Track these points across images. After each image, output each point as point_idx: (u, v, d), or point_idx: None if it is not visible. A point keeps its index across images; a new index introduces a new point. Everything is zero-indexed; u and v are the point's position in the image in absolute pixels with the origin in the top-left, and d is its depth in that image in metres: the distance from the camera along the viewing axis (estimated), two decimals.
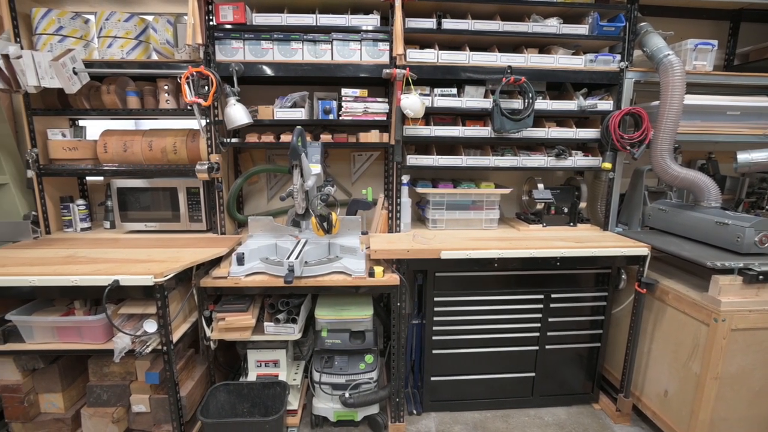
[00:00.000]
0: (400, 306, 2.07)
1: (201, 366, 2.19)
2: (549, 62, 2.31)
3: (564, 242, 2.20)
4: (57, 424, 1.91)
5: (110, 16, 2.18)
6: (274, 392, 2.04)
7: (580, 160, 2.45)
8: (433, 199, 2.44)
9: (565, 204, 2.56)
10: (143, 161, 2.33)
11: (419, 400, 2.39)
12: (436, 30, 2.24)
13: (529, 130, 2.34)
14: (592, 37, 2.30)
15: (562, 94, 2.57)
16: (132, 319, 1.83)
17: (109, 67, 2.19)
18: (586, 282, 2.29)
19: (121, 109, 2.29)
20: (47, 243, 2.18)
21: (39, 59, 2.01)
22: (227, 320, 1.96)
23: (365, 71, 2.21)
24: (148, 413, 1.93)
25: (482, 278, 2.23)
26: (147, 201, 2.37)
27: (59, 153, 2.31)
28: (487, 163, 2.39)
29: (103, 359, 1.92)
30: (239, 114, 2.12)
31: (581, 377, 2.41)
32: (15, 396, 1.82)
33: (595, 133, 2.42)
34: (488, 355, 2.31)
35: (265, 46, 2.17)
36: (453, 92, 2.32)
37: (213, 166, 2.20)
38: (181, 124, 2.51)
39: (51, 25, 2.14)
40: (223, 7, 2.13)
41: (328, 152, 2.68)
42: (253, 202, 2.78)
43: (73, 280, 1.67)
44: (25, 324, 1.77)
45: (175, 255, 1.94)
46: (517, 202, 2.92)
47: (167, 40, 2.27)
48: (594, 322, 2.33)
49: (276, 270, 1.94)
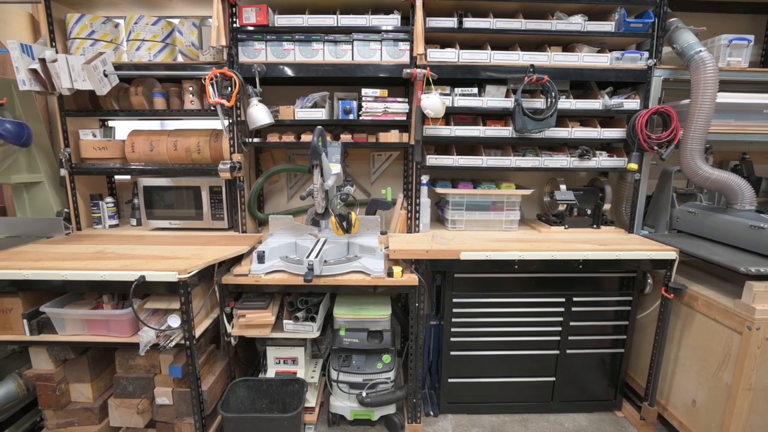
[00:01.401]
0: (419, 306, 2.06)
1: (221, 361, 2.23)
2: (573, 60, 2.25)
3: (587, 245, 2.15)
4: (86, 413, 1.98)
5: (139, 20, 2.25)
6: (293, 389, 2.07)
7: (604, 161, 2.39)
8: (453, 200, 2.42)
9: (588, 205, 2.50)
10: (168, 160, 2.40)
11: (436, 402, 2.38)
12: (457, 29, 2.22)
13: (551, 130, 2.30)
14: (618, 35, 2.23)
15: (586, 93, 2.51)
16: (157, 314, 1.89)
17: (137, 69, 2.26)
18: (610, 286, 2.23)
19: (148, 110, 2.36)
20: (78, 239, 2.27)
21: (72, 62, 2.09)
22: (248, 317, 2.00)
23: (385, 71, 2.22)
24: (171, 406, 1.98)
25: (502, 280, 2.19)
26: (171, 199, 2.44)
27: (90, 152, 2.40)
28: (507, 164, 2.36)
29: (129, 352, 1.98)
30: (261, 114, 2.15)
31: (603, 383, 2.34)
32: (48, 384, 1.90)
33: (621, 133, 2.35)
34: (507, 357, 2.28)
35: (286, 47, 2.20)
36: (474, 92, 2.29)
37: (235, 165, 2.24)
38: (205, 125, 2.57)
39: (84, 29, 2.23)
40: (247, 9, 2.17)
41: (348, 152, 2.69)
42: (273, 201, 2.82)
43: (102, 275, 1.73)
44: (57, 316, 1.85)
45: (198, 252, 1.98)
46: (539, 204, 2.86)
47: (192, 43, 2.32)
48: (617, 327, 2.27)
49: (296, 268, 1.96)
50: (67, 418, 1.97)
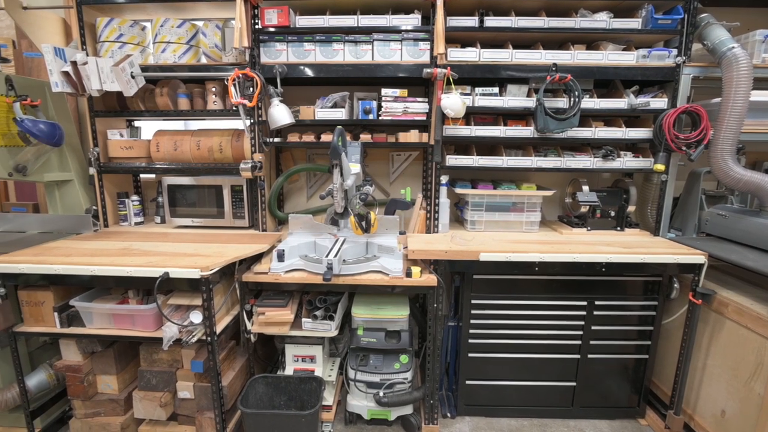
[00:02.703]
0: (437, 307, 2.05)
1: (241, 358, 2.26)
2: (597, 59, 2.20)
3: (610, 247, 2.10)
4: (112, 404, 2.04)
5: (165, 22, 2.31)
6: (310, 387, 2.09)
7: (629, 162, 2.33)
8: (472, 200, 2.40)
9: (612, 207, 2.44)
10: (191, 160, 2.45)
11: (453, 404, 2.36)
12: (478, 28, 2.19)
13: (574, 130, 2.25)
14: (645, 31, 2.17)
15: (610, 92, 2.45)
16: (179, 310, 1.93)
17: (162, 70, 2.32)
18: (634, 290, 2.17)
19: (173, 111, 2.42)
20: (105, 235, 2.34)
21: (102, 65, 2.16)
22: (267, 315, 2.02)
23: (405, 71, 2.21)
24: (192, 400, 2.02)
25: (522, 282, 2.16)
26: (194, 198, 2.49)
27: (117, 152, 2.47)
28: (528, 164, 2.32)
29: (153, 346, 2.03)
30: (282, 114, 2.18)
31: (626, 390, 2.28)
32: (76, 375, 1.97)
33: (647, 133, 2.29)
34: (526, 361, 2.24)
35: (307, 47, 2.22)
36: (494, 91, 2.26)
37: (256, 164, 2.27)
38: (227, 125, 2.62)
39: (113, 33, 2.29)
40: (269, 10, 2.19)
41: (367, 152, 2.70)
42: (293, 200, 2.85)
43: (128, 271, 1.78)
44: (86, 310, 1.91)
45: (219, 250, 2.02)
46: (560, 205, 2.81)
47: (216, 44, 2.37)
48: (642, 333, 2.21)
49: (315, 267, 1.98)
50: (94, 408, 2.04)
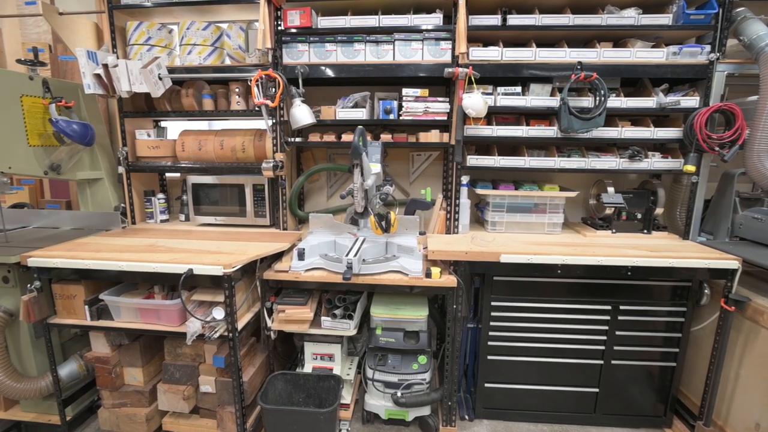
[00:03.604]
0: (456, 308, 2.03)
1: (261, 354, 2.30)
2: (625, 56, 2.14)
3: (636, 250, 2.04)
4: (137, 396, 2.11)
5: (191, 25, 2.37)
6: (329, 385, 2.10)
7: (657, 162, 2.26)
8: (493, 201, 2.37)
9: (639, 209, 2.37)
10: (215, 159, 2.50)
11: (471, 406, 2.34)
12: (500, 27, 2.16)
13: (599, 130, 2.20)
14: (676, 27, 2.10)
15: (638, 91, 2.37)
16: (202, 306, 1.97)
17: (188, 72, 2.37)
18: (661, 295, 2.10)
19: (197, 111, 2.48)
20: (133, 232, 2.41)
21: (131, 67, 2.23)
22: (287, 312, 2.05)
23: (426, 71, 2.20)
24: (213, 394, 2.06)
25: (543, 284, 2.12)
26: (217, 196, 2.54)
27: (144, 151, 2.55)
28: (551, 165, 2.28)
29: (177, 341, 2.08)
30: (304, 114, 2.20)
31: (652, 398, 2.21)
32: (105, 367, 2.04)
33: (677, 133, 2.21)
34: (547, 365, 2.20)
35: (329, 48, 2.24)
36: (517, 91, 2.23)
37: (278, 164, 2.30)
38: (250, 125, 2.67)
39: (141, 36, 2.37)
40: (291, 12, 2.22)
41: (387, 152, 2.70)
42: (313, 200, 2.88)
43: (154, 267, 1.84)
44: (114, 303, 1.98)
45: (241, 248, 2.06)
46: (584, 207, 2.75)
47: (239, 46, 2.41)
48: (669, 340, 2.13)
49: (335, 266, 1.99)
50: (121, 399, 2.10)
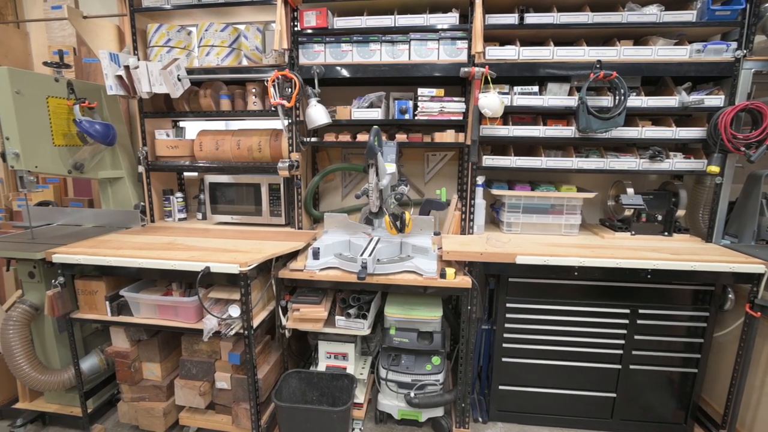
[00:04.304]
0: (471, 310, 2.02)
1: (276, 352, 2.32)
2: (646, 55, 2.10)
3: (656, 253, 1.99)
4: (155, 390, 2.15)
5: (209, 27, 2.40)
6: (342, 384, 2.11)
7: (679, 163, 2.20)
8: (509, 202, 2.34)
9: (659, 211, 2.31)
10: (232, 159, 2.54)
11: (485, 408, 2.32)
12: (518, 25, 2.14)
13: (619, 130, 2.15)
14: (700, 24, 2.04)
15: (659, 90, 2.32)
16: (219, 303, 2.00)
17: (206, 73, 2.41)
18: (682, 299, 2.05)
19: (215, 111, 2.52)
20: (152, 230, 2.46)
21: (151, 68, 2.28)
22: (302, 311, 2.06)
23: (442, 70, 2.19)
24: (229, 390, 2.09)
25: (559, 286, 2.09)
26: (233, 195, 2.58)
27: (163, 151, 2.60)
28: (569, 165, 2.24)
29: (194, 337, 2.12)
30: (319, 114, 2.21)
31: (672, 405, 2.16)
32: (124, 361, 2.09)
33: (700, 133, 2.15)
34: (563, 368, 2.17)
35: (345, 48, 2.25)
36: (534, 90, 2.20)
37: (293, 163, 2.32)
38: (266, 125, 2.70)
39: (162, 38, 2.41)
40: (307, 13, 2.24)
41: (402, 152, 2.69)
42: (328, 199, 2.90)
43: (172, 265, 1.87)
44: (134, 300, 2.02)
45: (257, 246, 2.08)
46: (602, 208, 2.70)
47: (256, 47, 2.44)
48: (690, 345, 2.08)
49: (349, 266, 2.00)
50: (139, 393, 2.15)
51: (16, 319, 2.01)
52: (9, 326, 2.00)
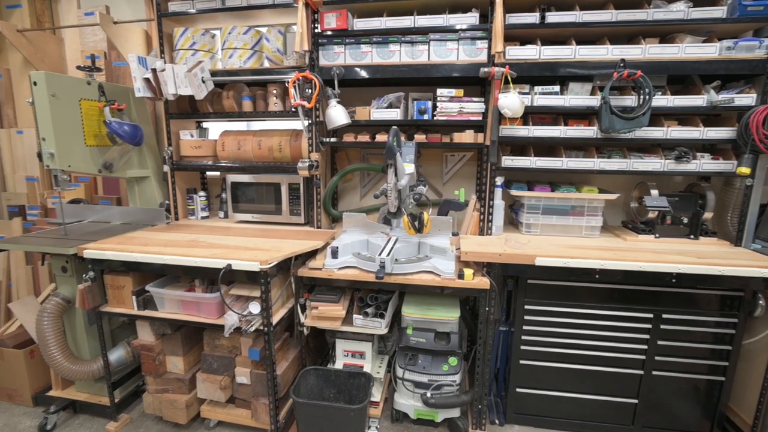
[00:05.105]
0: (488, 311, 2.01)
1: (294, 349, 2.36)
2: (672, 53, 2.04)
3: (682, 256, 1.94)
4: (178, 383, 2.22)
5: (232, 30, 2.46)
6: (359, 382, 2.13)
7: (706, 164, 2.13)
8: (529, 203, 2.32)
9: (685, 213, 2.25)
10: (253, 159, 2.59)
11: (502, 411, 2.30)
12: (539, 24, 2.11)
13: (643, 130, 2.10)
14: (731, 20, 1.98)
15: (686, 88, 2.25)
16: (239, 300, 2.05)
17: (229, 75, 2.47)
18: (709, 304, 1.99)
19: (236, 112, 2.57)
20: (176, 228, 2.54)
21: (177, 71, 2.35)
22: (320, 309, 2.09)
23: (461, 71, 2.18)
24: (248, 385, 2.14)
25: (579, 289, 2.06)
26: (254, 195, 2.63)
27: (187, 151, 2.68)
28: (591, 166, 2.20)
29: (215, 333, 2.18)
30: (339, 115, 2.24)
31: (696, 413, 2.10)
32: (150, 354, 2.17)
33: (729, 133, 2.08)
34: (582, 372, 2.13)
35: (364, 49, 2.26)
36: (555, 90, 2.17)
37: (313, 163, 2.36)
38: (286, 125, 2.74)
39: (187, 41, 2.48)
40: (328, 14, 2.26)
41: (421, 152, 2.70)
42: (346, 199, 2.92)
43: (195, 262, 1.93)
44: (159, 295, 2.09)
45: (277, 245, 2.12)
46: (624, 210, 2.64)
47: (278, 49, 2.49)
48: (717, 352, 2.02)
49: (367, 265, 2.01)
50: (163, 386, 2.22)
51: (50, 311, 2.11)
52: (43, 318, 2.10)
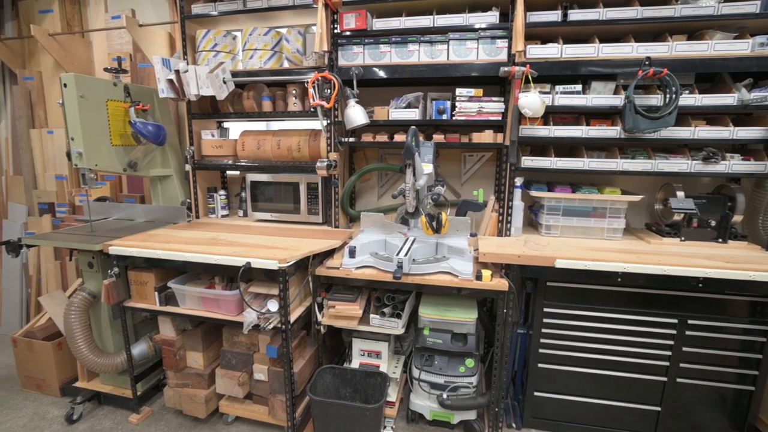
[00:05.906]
0: (506, 313, 1.99)
1: (311, 347, 2.38)
2: (701, 50, 1.98)
3: (709, 261, 1.88)
4: (198, 378, 2.26)
5: (253, 31, 2.50)
6: (375, 382, 2.13)
7: (737, 165, 2.06)
8: (548, 204, 2.28)
9: (713, 216, 2.18)
10: (272, 158, 2.62)
11: (519, 414, 2.27)
12: (560, 23, 2.08)
13: (668, 130, 2.04)
14: (764, 15, 1.90)
15: (715, 87, 2.18)
16: (258, 298, 2.08)
17: (249, 75, 2.50)
18: (737, 311, 1.92)
19: (256, 112, 2.61)
20: (197, 226, 2.59)
21: (199, 72, 2.40)
22: (337, 308, 2.10)
23: (481, 70, 2.16)
24: (266, 382, 2.17)
25: (600, 292, 2.01)
26: (273, 194, 2.66)
27: (209, 150, 2.73)
28: (613, 167, 2.15)
29: (234, 329, 2.21)
30: (358, 115, 2.25)
31: (723, 423, 2.03)
32: (171, 349, 2.22)
33: (761, 132, 2.01)
34: (603, 377, 2.09)
35: (383, 49, 2.27)
36: (577, 89, 2.13)
37: (331, 163, 2.37)
38: (305, 125, 2.77)
39: (209, 43, 2.53)
40: (347, 15, 2.27)
41: (439, 152, 2.68)
42: (364, 199, 2.93)
43: (215, 259, 1.96)
44: (180, 291, 2.14)
45: (295, 244, 2.14)
46: (648, 212, 2.57)
47: (297, 49, 2.51)
48: (746, 360, 1.94)
49: (385, 265, 2.02)
50: (184, 380, 2.27)
51: (76, 305, 2.18)
52: (71, 311, 2.17)
